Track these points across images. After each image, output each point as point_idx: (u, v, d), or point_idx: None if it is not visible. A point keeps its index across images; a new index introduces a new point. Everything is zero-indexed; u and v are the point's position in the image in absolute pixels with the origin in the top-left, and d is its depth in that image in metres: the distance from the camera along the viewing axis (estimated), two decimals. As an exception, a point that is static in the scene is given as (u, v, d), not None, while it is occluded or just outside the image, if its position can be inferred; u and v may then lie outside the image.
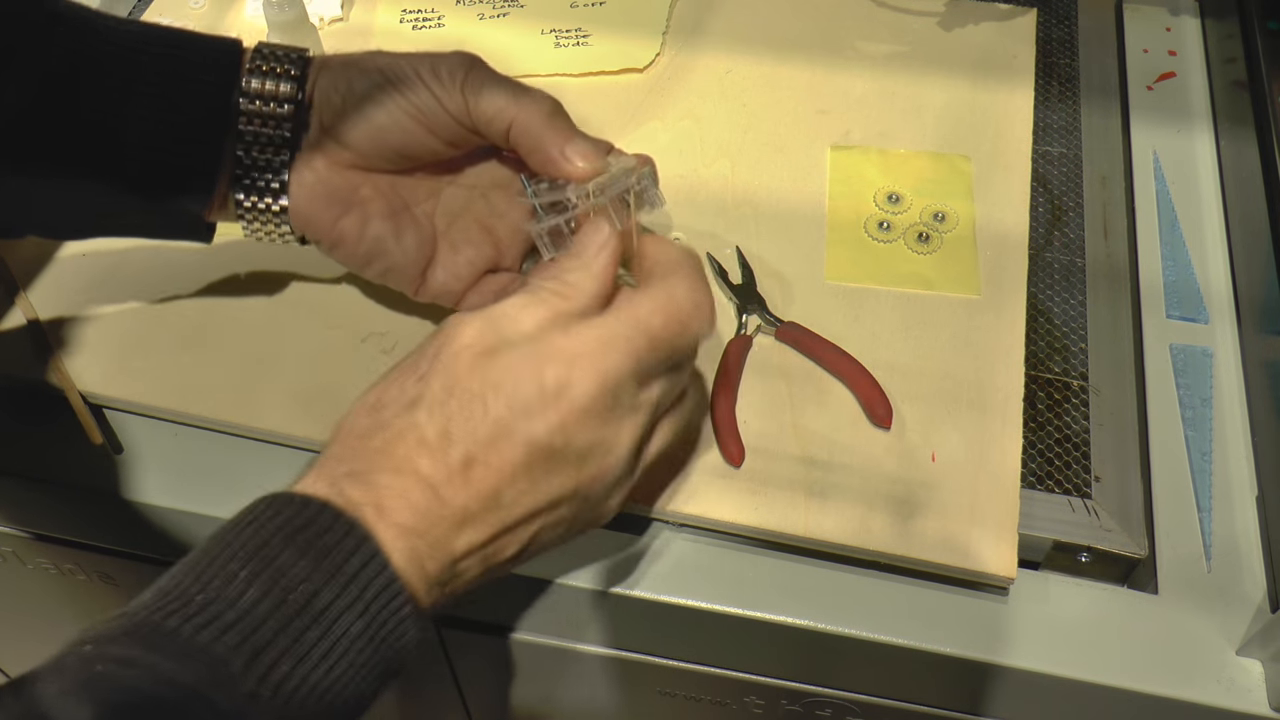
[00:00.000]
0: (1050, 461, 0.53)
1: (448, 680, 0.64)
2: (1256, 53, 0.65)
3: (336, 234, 0.50)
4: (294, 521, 0.36)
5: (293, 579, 0.35)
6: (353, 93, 0.48)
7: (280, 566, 0.35)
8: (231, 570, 0.35)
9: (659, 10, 0.72)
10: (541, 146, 0.48)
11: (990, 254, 0.59)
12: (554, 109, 0.48)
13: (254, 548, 0.36)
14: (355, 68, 0.49)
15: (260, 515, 0.37)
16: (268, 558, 0.35)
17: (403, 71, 0.48)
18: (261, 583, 0.35)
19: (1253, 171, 0.61)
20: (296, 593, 0.35)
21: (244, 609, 0.34)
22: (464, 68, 0.48)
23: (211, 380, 0.55)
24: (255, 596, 0.34)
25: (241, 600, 0.34)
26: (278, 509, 0.37)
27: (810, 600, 0.50)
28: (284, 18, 0.64)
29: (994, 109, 0.67)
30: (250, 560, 0.35)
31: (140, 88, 0.47)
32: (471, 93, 0.48)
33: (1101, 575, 0.51)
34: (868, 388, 0.53)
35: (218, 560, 0.35)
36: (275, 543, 0.36)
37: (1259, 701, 0.47)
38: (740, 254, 0.59)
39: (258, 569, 0.35)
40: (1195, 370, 0.57)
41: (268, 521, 0.36)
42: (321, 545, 0.36)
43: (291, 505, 0.37)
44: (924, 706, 0.54)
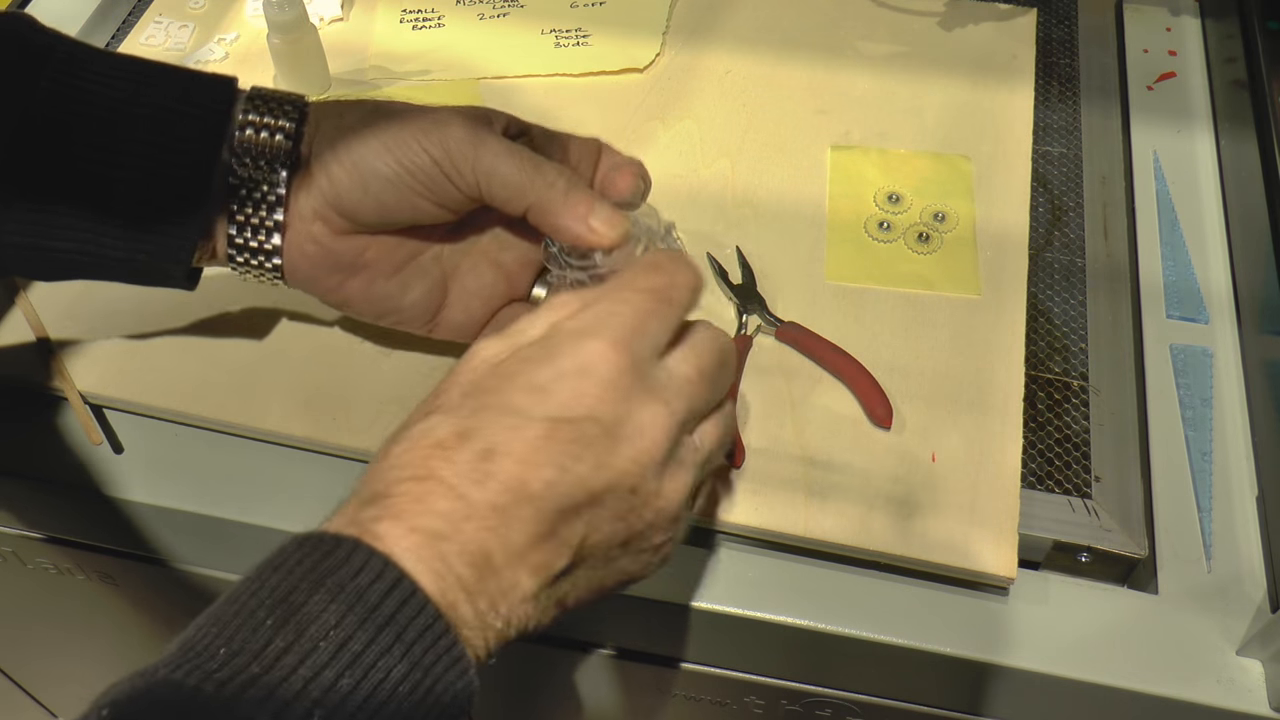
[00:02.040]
0: (1050, 461, 0.53)
1: (448, 680, 0.64)
2: (1256, 53, 0.65)
3: (342, 296, 0.49)
4: (322, 565, 0.34)
5: (323, 625, 0.32)
6: (357, 168, 0.46)
7: (309, 612, 0.33)
8: (258, 619, 0.33)
9: (659, 10, 0.72)
10: (563, 225, 0.46)
11: (990, 254, 0.59)
12: (570, 183, 0.46)
13: (282, 593, 0.33)
14: (355, 135, 0.46)
15: (289, 557, 0.35)
16: (295, 603, 0.33)
17: (409, 148, 0.46)
18: (289, 631, 0.32)
19: (1253, 171, 0.61)
20: (327, 640, 0.32)
21: (269, 660, 0.32)
22: (473, 145, 0.46)
23: (211, 380, 0.55)
24: (282, 646, 0.32)
25: (267, 651, 0.32)
26: (306, 549, 0.35)
27: (810, 600, 0.50)
28: (284, 18, 0.64)
29: (994, 109, 0.67)
30: (277, 606, 0.33)
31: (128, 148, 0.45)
32: (484, 175, 0.46)
33: (1101, 575, 0.51)
34: (868, 388, 0.53)
35: (245, 608, 0.33)
36: (302, 587, 0.33)
37: (1259, 701, 0.47)
38: (740, 254, 0.59)
39: (285, 615, 0.33)
40: (1195, 370, 0.57)
41: (296, 565, 0.34)
42: (353, 586, 0.33)
43: (320, 545, 0.35)
44: (924, 706, 0.54)
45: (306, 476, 0.53)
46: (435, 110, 0.47)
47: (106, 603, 0.67)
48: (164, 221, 0.46)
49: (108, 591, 0.65)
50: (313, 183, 0.47)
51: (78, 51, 0.46)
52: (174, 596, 0.62)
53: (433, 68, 0.69)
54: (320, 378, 0.55)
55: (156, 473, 0.54)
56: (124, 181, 0.45)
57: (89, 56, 0.46)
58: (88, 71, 0.45)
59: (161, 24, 0.73)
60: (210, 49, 0.71)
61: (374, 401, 0.54)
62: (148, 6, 0.74)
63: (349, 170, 0.46)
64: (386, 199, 0.46)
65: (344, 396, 0.54)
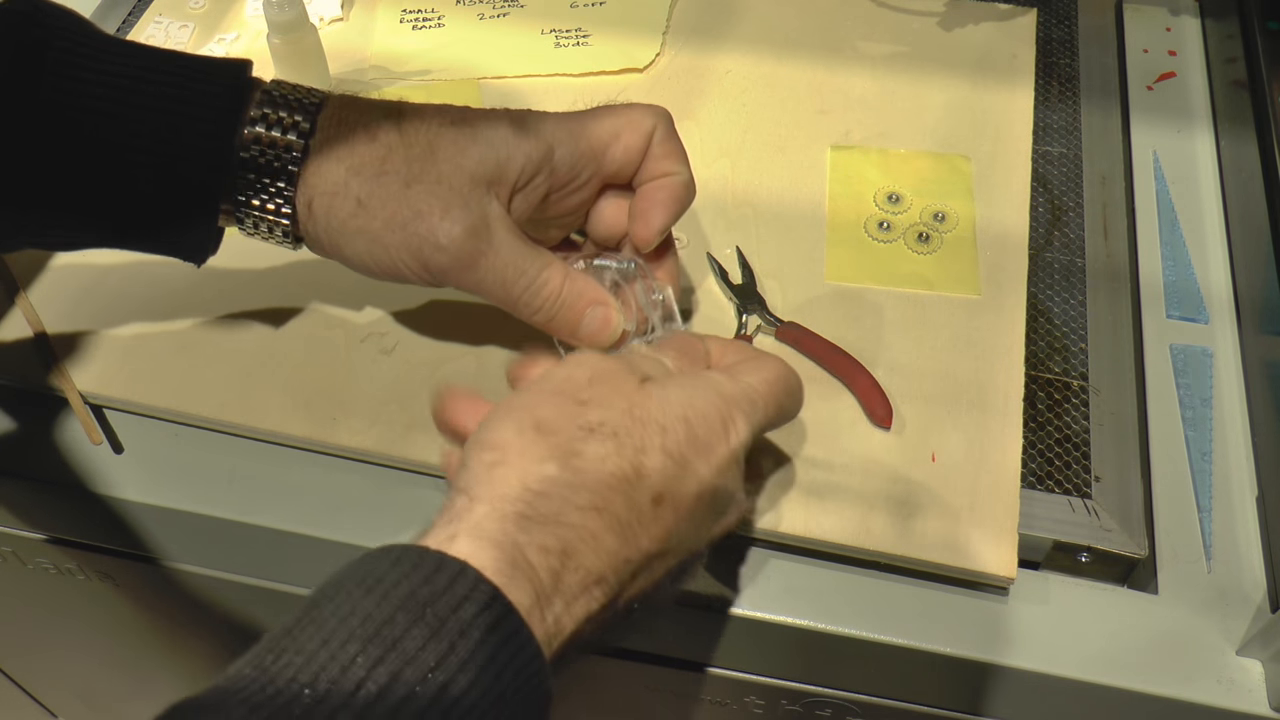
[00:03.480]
0: (1050, 461, 0.53)
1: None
2: (1256, 53, 0.65)
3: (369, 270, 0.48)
4: (422, 590, 0.31)
5: (420, 667, 0.30)
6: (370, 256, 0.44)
7: (405, 651, 0.30)
8: (348, 654, 0.30)
9: (659, 10, 0.72)
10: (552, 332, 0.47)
11: (990, 254, 0.59)
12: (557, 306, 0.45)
13: (376, 624, 0.30)
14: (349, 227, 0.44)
15: (385, 576, 0.31)
16: (391, 639, 0.30)
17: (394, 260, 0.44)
18: (382, 673, 0.29)
19: (1253, 171, 0.61)
20: (424, 684, 0.29)
21: (361, 707, 0.29)
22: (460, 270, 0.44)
23: (211, 380, 0.55)
24: (375, 691, 0.29)
25: (359, 695, 0.29)
26: (405, 571, 0.32)
27: (810, 600, 0.50)
28: (284, 17, 0.64)
29: (994, 109, 0.67)
30: (370, 642, 0.30)
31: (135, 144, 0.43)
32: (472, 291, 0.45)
33: (1101, 575, 0.51)
34: (868, 388, 0.53)
35: (333, 638, 0.30)
36: (400, 619, 0.30)
37: (1259, 701, 0.47)
38: (740, 254, 0.59)
39: (379, 654, 0.30)
40: (1195, 370, 0.57)
41: (393, 588, 0.31)
42: (456, 623, 0.31)
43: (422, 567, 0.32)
44: (924, 706, 0.54)
45: (306, 477, 0.53)
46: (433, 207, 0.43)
47: (106, 603, 0.67)
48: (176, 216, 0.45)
49: (108, 591, 0.65)
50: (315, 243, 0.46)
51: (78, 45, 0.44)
52: (174, 596, 0.62)
53: (433, 68, 0.69)
54: (320, 378, 0.55)
55: (156, 473, 0.54)
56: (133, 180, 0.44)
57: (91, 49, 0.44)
58: (88, 70, 0.44)
59: (161, 24, 0.73)
60: (210, 49, 0.71)
61: (373, 402, 0.54)
62: (148, 6, 0.74)
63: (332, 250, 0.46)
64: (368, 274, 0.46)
65: (344, 397, 0.54)
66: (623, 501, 0.35)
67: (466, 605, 0.31)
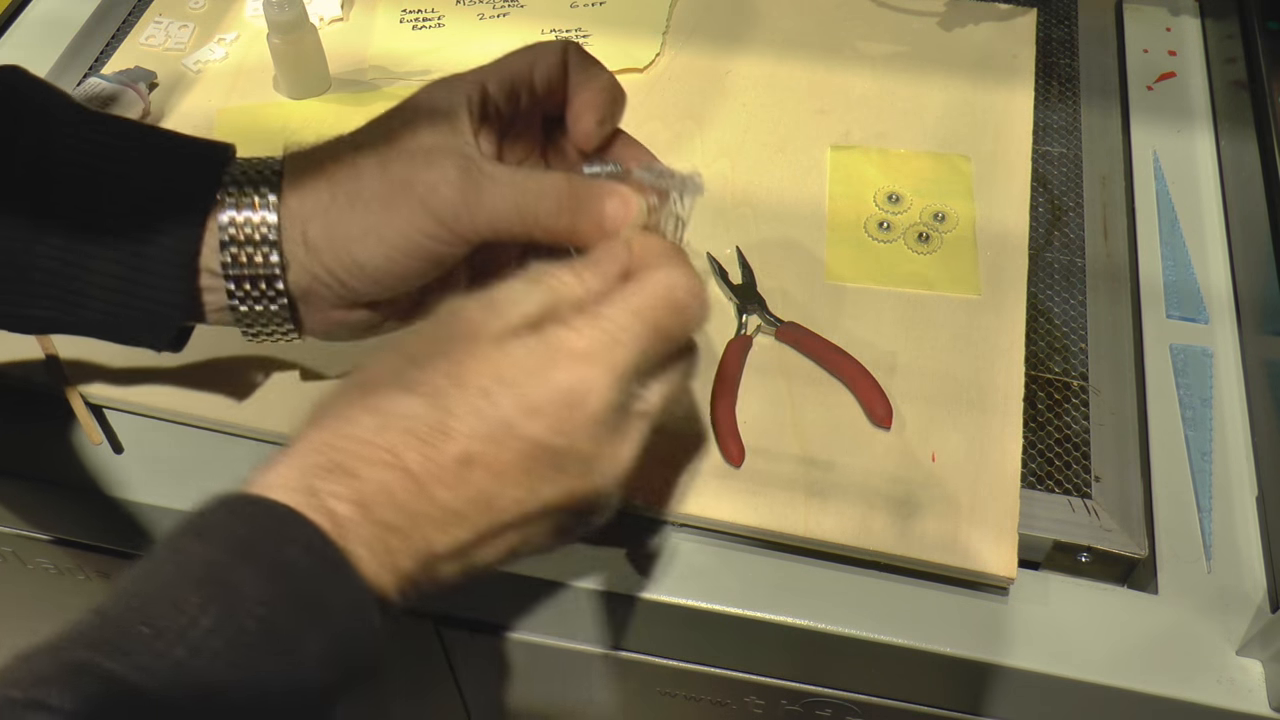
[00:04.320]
0: (1050, 461, 0.53)
1: (448, 680, 0.64)
2: (1256, 53, 0.65)
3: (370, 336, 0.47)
4: (251, 533, 0.33)
5: (251, 602, 0.32)
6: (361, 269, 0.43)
7: (238, 590, 0.32)
8: (182, 596, 0.32)
9: (659, 10, 0.72)
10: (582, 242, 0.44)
11: (990, 254, 0.59)
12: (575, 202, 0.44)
13: (207, 566, 0.32)
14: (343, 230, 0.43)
15: (217, 523, 0.34)
16: (222, 580, 0.32)
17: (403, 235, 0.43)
18: (216, 611, 0.31)
19: (1253, 171, 0.61)
20: (255, 619, 0.32)
21: (195, 643, 0.31)
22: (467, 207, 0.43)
23: (211, 380, 0.55)
24: (208, 626, 0.31)
25: (192, 632, 0.31)
26: (238, 516, 0.34)
27: (810, 600, 0.50)
28: (284, 18, 0.64)
29: (994, 109, 0.67)
30: (203, 584, 0.32)
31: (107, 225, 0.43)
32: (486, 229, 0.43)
33: (1101, 575, 0.51)
34: (868, 388, 0.53)
35: (168, 583, 0.32)
36: (231, 562, 0.32)
37: (1259, 701, 0.47)
38: (740, 254, 0.59)
39: (212, 594, 0.32)
40: (1195, 370, 0.57)
41: (226, 534, 0.33)
42: (284, 561, 0.33)
43: (248, 512, 0.34)
44: (924, 706, 0.54)
45: (306, 476, 0.53)
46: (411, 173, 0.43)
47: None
48: (141, 300, 0.44)
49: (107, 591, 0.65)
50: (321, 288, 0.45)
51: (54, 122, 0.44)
52: (174, 596, 0.62)
53: (433, 68, 0.69)
54: (320, 378, 0.55)
55: (156, 473, 0.54)
56: (101, 258, 0.43)
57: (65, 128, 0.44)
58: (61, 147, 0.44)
59: (161, 24, 0.73)
60: (210, 49, 0.71)
61: (374, 401, 0.53)
62: (148, 6, 0.74)
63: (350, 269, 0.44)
64: (390, 283, 0.44)
65: (344, 396, 0.54)
66: (419, 459, 0.35)
67: (291, 546, 0.33)
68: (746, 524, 0.50)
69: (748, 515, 0.50)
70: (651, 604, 0.50)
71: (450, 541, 0.37)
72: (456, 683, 0.64)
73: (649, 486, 0.51)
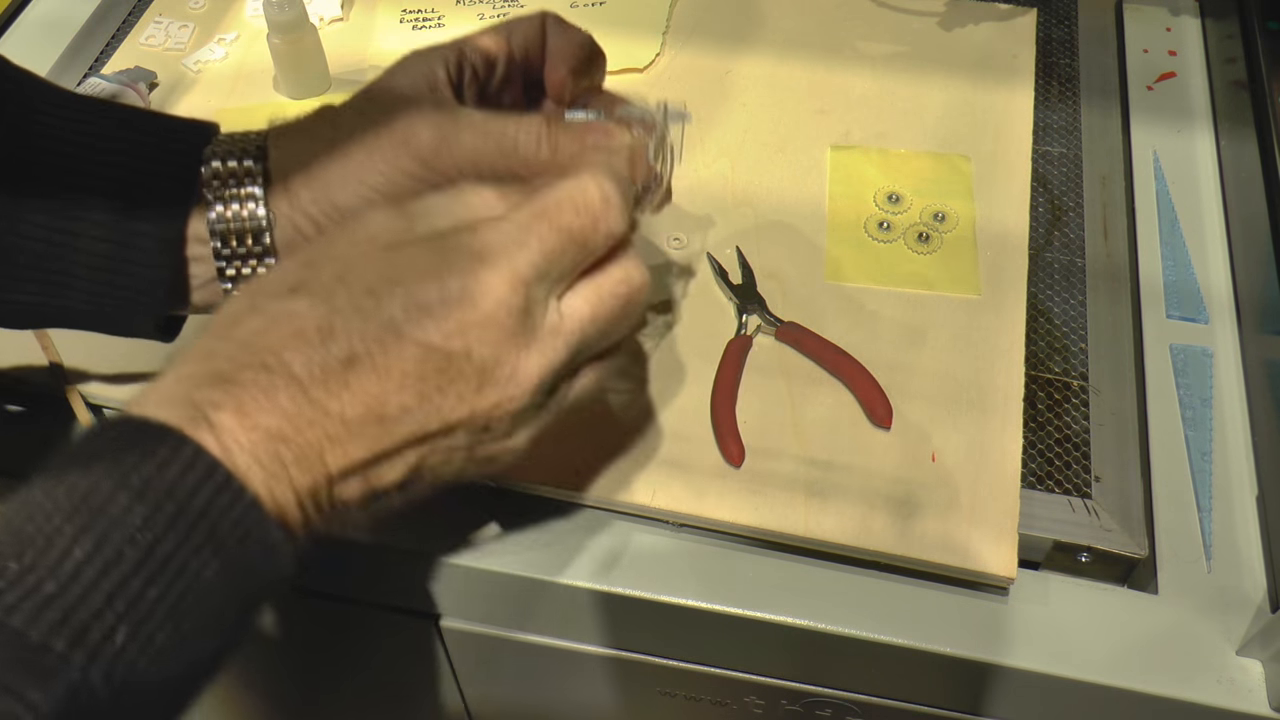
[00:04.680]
0: (1050, 461, 0.53)
1: (448, 680, 0.64)
2: (1256, 53, 0.65)
3: None
4: (127, 456, 0.31)
5: (127, 528, 0.30)
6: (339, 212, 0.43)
7: (112, 515, 0.30)
8: (54, 526, 0.30)
9: (659, 10, 0.72)
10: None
11: (990, 254, 0.59)
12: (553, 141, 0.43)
13: (81, 494, 0.30)
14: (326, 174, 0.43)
15: (89, 450, 0.31)
16: (96, 505, 0.30)
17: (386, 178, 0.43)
18: (90, 539, 0.30)
19: (1253, 171, 0.61)
20: (133, 545, 0.30)
21: (67, 576, 0.29)
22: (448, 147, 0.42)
23: (211, 380, 0.55)
24: (81, 557, 0.29)
25: (64, 565, 0.29)
26: (108, 440, 0.32)
27: (810, 600, 0.50)
28: (284, 18, 0.64)
29: (994, 109, 0.67)
30: (76, 512, 0.30)
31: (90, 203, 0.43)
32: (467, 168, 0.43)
33: (1101, 575, 0.51)
34: (868, 388, 0.53)
35: (39, 513, 0.30)
36: (104, 486, 0.30)
37: (1259, 701, 0.47)
38: (740, 254, 0.59)
39: (85, 522, 0.30)
40: (1195, 370, 0.57)
41: (96, 458, 0.31)
42: (161, 481, 0.31)
43: (123, 435, 0.32)
44: (924, 706, 0.54)
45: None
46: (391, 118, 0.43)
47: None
48: (126, 280, 0.44)
49: None
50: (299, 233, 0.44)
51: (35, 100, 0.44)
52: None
53: (433, 68, 0.69)
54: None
55: (156, 473, 0.54)
56: (82, 239, 0.43)
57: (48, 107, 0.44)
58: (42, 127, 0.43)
59: (161, 24, 0.73)
60: (210, 49, 0.71)
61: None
62: (148, 6, 0.74)
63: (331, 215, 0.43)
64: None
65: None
66: (300, 360, 0.34)
67: (170, 466, 0.31)
68: (746, 524, 0.50)
69: (748, 515, 0.50)
70: (651, 604, 0.50)
71: (344, 457, 0.34)
72: (456, 683, 0.64)
73: (649, 486, 0.51)
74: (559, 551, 0.51)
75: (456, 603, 0.55)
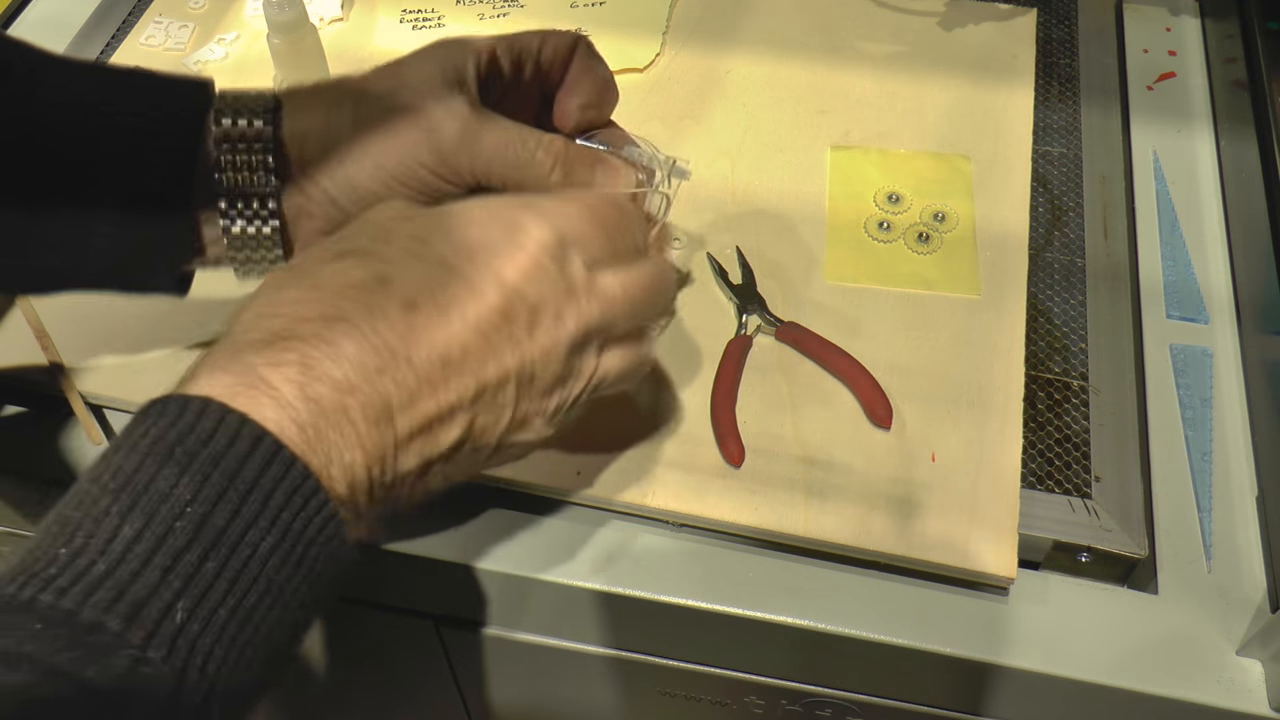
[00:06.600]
0: (1050, 461, 0.53)
1: (448, 680, 0.64)
2: (1256, 53, 0.65)
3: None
4: (169, 433, 0.30)
5: (176, 504, 0.29)
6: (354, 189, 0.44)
7: (158, 492, 0.30)
8: (102, 508, 0.29)
9: (659, 10, 0.72)
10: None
11: (990, 254, 0.59)
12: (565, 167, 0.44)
13: (126, 475, 0.30)
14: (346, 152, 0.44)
15: (133, 432, 0.31)
16: (142, 484, 0.30)
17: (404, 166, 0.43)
18: (137, 517, 0.29)
19: (1253, 171, 0.61)
20: (184, 520, 0.29)
21: (117, 555, 0.29)
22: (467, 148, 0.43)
23: (211, 380, 0.55)
24: (131, 535, 0.29)
25: (114, 544, 0.29)
26: (153, 419, 0.31)
27: (810, 600, 0.50)
28: (284, 18, 0.64)
29: (994, 109, 0.67)
30: (121, 491, 0.30)
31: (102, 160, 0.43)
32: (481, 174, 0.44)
33: (1101, 575, 0.51)
34: (868, 388, 0.53)
35: (86, 499, 0.30)
36: (149, 465, 0.30)
37: (1259, 701, 0.47)
38: (740, 254, 0.59)
39: (131, 501, 0.29)
40: (1195, 370, 0.57)
41: (140, 439, 0.31)
42: (208, 454, 0.30)
43: (166, 413, 0.31)
44: (924, 706, 0.54)
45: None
46: (417, 106, 0.44)
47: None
48: (145, 231, 0.45)
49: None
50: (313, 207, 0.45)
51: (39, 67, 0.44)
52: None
53: (433, 68, 0.69)
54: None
55: (156, 473, 0.54)
56: (103, 192, 0.44)
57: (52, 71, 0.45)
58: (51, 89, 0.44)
59: (161, 24, 0.73)
60: (210, 49, 0.71)
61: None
62: (148, 6, 0.74)
63: (350, 197, 0.44)
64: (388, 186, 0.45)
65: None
66: (359, 308, 0.33)
67: (217, 438, 0.30)
68: (746, 524, 0.50)
69: (748, 515, 0.50)
70: (651, 604, 0.50)
71: (411, 412, 0.34)
72: (456, 683, 0.64)
73: (650, 486, 0.51)
74: (559, 551, 0.51)
75: (456, 603, 0.55)
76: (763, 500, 0.50)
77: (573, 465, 0.51)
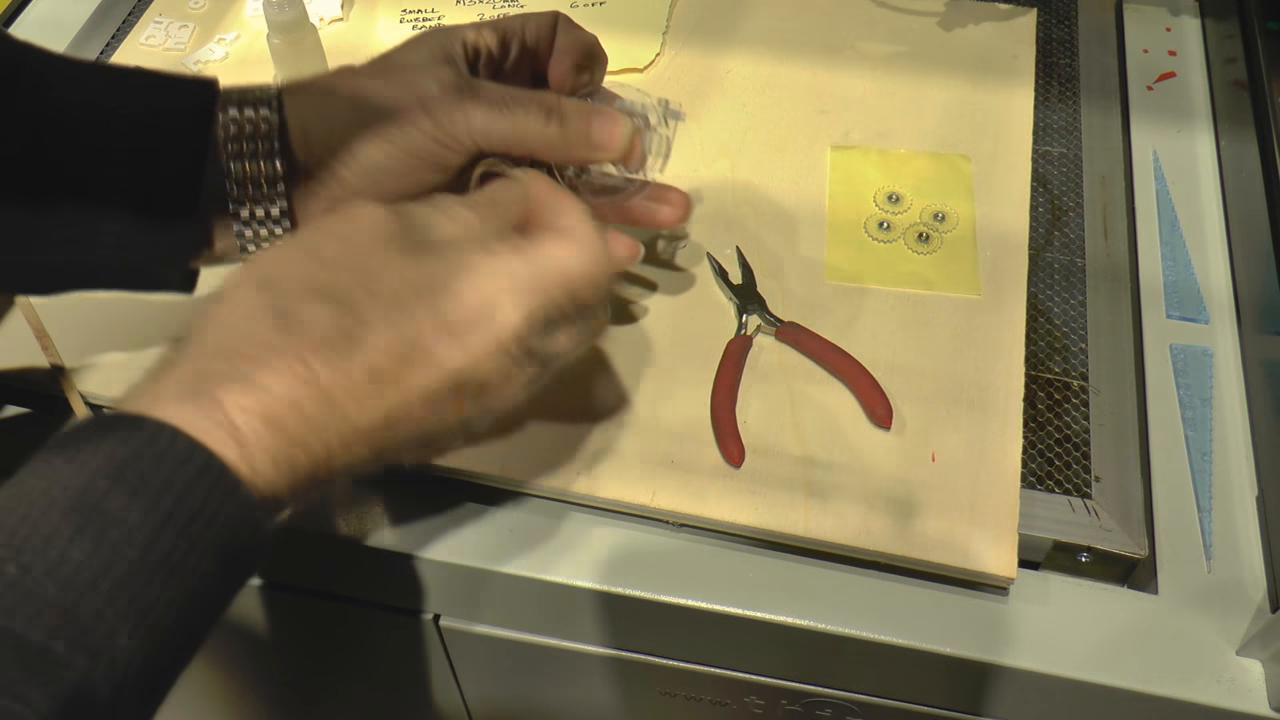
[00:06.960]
0: (1050, 461, 0.53)
1: (448, 680, 0.64)
2: (1256, 53, 0.65)
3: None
4: (131, 454, 0.31)
5: (125, 527, 0.30)
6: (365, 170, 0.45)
7: (109, 514, 0.30)
8: (51, 525, 0.30)
9: (659, 10, 0.72)
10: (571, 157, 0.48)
11: (990, 254, 0.59)
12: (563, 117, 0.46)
13: (77, 490, 0.31)
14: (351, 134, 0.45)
15: (85, 444, 0.32)
16: (91, 504, 0.30)
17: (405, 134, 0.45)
18: (87, 539, 0.30)
19: (1253, 171, 0.61)
20: (130, 544, 0.30)
21: (66, 578, 0.29)
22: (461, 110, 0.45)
23: (212, 380, 0.55)
24: (79, 558, 0.29)
25: (63, 567, 0.29)
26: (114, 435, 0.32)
27: (810, 600, 0.50)
28: (284, 18, 0.64)
29: (994, 109, 0.67)
30: (73, 511, 0.30)
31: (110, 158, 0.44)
32: (480, 136, 0.45)
33: (1101, 575, 0.51)
34: (868, 388, 0.53)
35: (35, 510, 0.30)
36: (100, 485, 0.31)
37: (1259, 701, 0.47)
38: (740, 254, 0.59)
39: (82, 522, 0.30)
40: (1195, 370, 0.57)
41: (93, 454, 0.31)
42: (157, 477, 0.31)
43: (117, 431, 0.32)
44: (924, 706, 0.54)
45: (307, 476, 0.53)
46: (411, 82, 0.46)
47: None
48: (154, 227, 0.46)
49: None
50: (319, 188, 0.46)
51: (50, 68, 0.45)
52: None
53: (433, 68, 0.69)
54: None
55: (157, 473, 0.54)
56: (111, 189, 0.45)
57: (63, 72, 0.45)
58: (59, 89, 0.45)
59: (161, 24, 0.73)
60: (210, 49, 0.71)
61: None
62: (148, 7, 0.74)
63: (356, 172, 0.46)
64: (395, 187, 0.46)
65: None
66: (329, 370, 0.35)
67: (165, 461, 0.31)
68: (746, 524, 0.50)
69: (748, 515, 0.50)
70: (652, 604, 0.50)
71: (349, 459, 0.36)
72: (456, 683, 0.64)
73: (650, 486, 0.51)
74: (559, 551, 0.51)
75: (456, 603, 0.55)
76: (763, 500, 0.50)
77: (574, 466, 0.51)
